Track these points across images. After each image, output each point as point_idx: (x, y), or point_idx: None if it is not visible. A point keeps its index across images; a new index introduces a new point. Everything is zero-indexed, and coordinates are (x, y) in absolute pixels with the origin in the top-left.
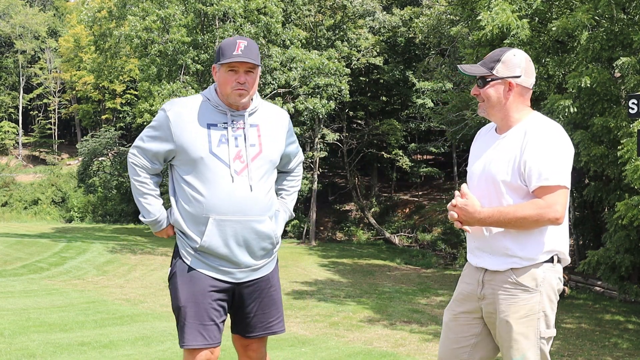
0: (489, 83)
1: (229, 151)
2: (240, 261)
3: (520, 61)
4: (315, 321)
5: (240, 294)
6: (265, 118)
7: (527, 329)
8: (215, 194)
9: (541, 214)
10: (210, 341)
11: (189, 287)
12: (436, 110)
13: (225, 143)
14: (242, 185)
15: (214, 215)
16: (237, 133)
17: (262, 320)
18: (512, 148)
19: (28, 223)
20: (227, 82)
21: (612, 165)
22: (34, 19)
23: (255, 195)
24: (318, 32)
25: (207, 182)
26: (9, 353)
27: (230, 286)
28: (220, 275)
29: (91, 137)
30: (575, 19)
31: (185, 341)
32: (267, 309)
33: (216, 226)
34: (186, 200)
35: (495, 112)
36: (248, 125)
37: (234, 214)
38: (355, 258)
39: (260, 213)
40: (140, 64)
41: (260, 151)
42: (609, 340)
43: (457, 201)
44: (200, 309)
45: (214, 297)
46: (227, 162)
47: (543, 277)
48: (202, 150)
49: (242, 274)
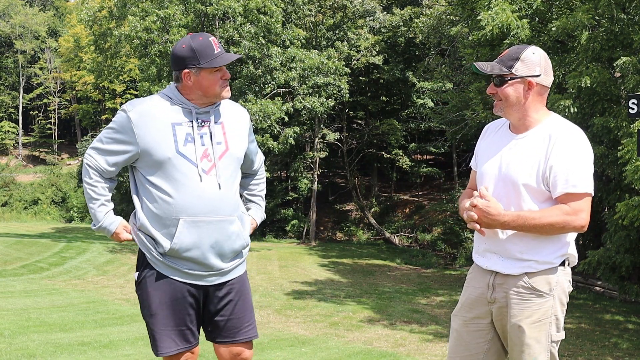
0: (507, 82)
1: (196, 150)
2: (211, 263)
3: (539, 59)
4: (315, 321)
5: (211, 297)
6: (227, 115)
7: (539, 334)
8: (184, 195)
9: (568, 221)
10: (185, 345)
11: (159, 293)
12: (436, 110)
13: (192, 142)
14: (211, 184)
15: (185, 217)
16: (203, 131)
17: (238, 325)
18: (535, 151)
19: (28, 223)
20: (214, 82)
21: (612, 165)
22: (34, 19)
23: (224, 195)
24: (318, 32)
25: (175, 182)
26: (9, 353)
27: (201, 290)
28: (191, 279)
29: (91, 137)
30: (575, 19)
31: (160, 349)
32: (241, 313)
33: (187, 228)
34: (153, 202)
35: (513, 112)
36: (213, 122)
37: (205, 214)
38: (355, 258)
39: (230, 213)
40: (140, 64)
41: (227, 149)
42: (609, 340)
43: (477, 202)
44: (173, 315)
45: (186, 302)
46: (194, 161)
47: (556, 281)
48: (168, 150)
49: (213, 277)
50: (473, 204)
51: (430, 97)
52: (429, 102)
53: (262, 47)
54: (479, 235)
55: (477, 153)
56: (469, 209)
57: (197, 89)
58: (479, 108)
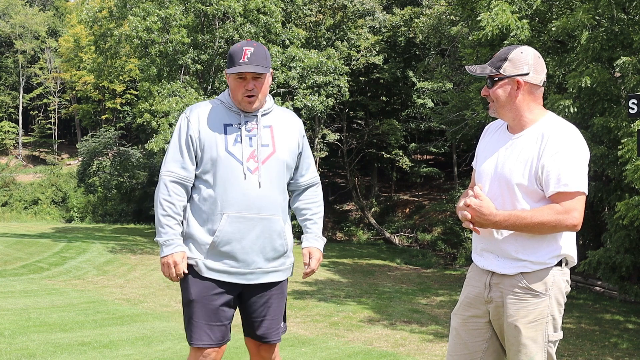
0: (497, 83)
1: (243, 150)
2: (251, 259)
3: (527, 58)
4: (315, 321)
5: (249, 296)
6: (279, 120)
7: (535, 333)
8: (229, 192)
9: (560, 220)
10: (216, 341)
11: (200, 289)
12: (436, 110)
13: (240, 142)
14: (254, 183)
15: (228, 212)
16: (251, 133)
17: (272, 326)
18: (528, 150)
19: (28, 223)
20: (237, 89)
21: (612, 165)
22: (34, 18)
23: (267, 194)
24: (318, 32)
25: (222, 180)
26: (9, 353)
27: (240, 289)
28: (231, 278)
29: (91, 137)
30: (575, 19)
31: (193, 340)
32: (276, 316)
33: (229, 222)
34: (200, 197)
35: (506, 112)
36: (261, 126)
37: (247, 210)
38: (355, 258)
39: (272, 212)
40: (141, 64)
41: (274, 151)
42: (609, 340)
43: (471, 201)
44: (209, 309)
45: (223, 299)
46: (240, 160)
47: (553, 281)
48: (219, 149)
49: (252, 275)
50: (467, 204)
51: (430, 97)
52: (429, 102)
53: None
54: (476, 234)
55: (477, 153)
56: (463, 208)
57: (231, 91)
58: (479, 108)
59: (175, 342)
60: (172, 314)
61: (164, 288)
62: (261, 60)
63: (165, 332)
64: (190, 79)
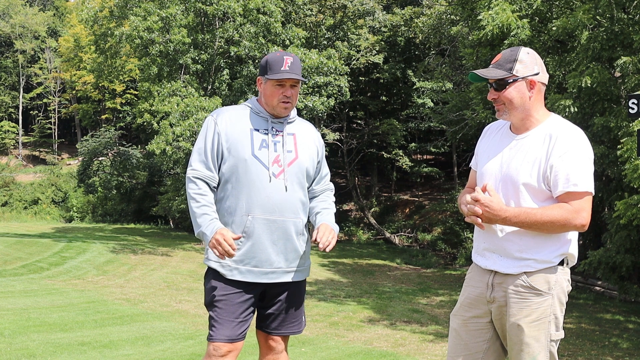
0: (509, 84)
1: (269, 155)
2: (274, 259)
3: (535, 58)
4: (315, 321)
5: (269, 294)
6: (301, 130)
7: (538, 332)
8: (255, 194)
9: (569, 219)
10: (235, 338)
11: (223, 288)
12: (436, 110)
13: (266, 147)
14: (278, 186)
15: (253, 214)
16: (277, 139)
17: (285, 320)
18: (535, 151)
19: (28, 223)
20: (274, 95)
21: (612, 165)
22: (34, 18)
23: (290, 197)
24: (318, 32)
25: (248, 182)
26: (9, 353)
27: (261, 288)
28: (253, 278)
29: (91, 137)
30: (575, 19)
31: (214, 337)
32: (292, 312)
33: (254, 224)
34: (226, 199)
35: (518, 114)
36: (286, 133)
37: (271, 213)
38: (355, 258)
39: (295, 215)
40: (141, 64)
41: (297, 157)
42: (609, 340)
43: (480, 196)
44: (231, 308)
45: (245, 298)
46: (266, 164)
47: (555, 280)
48: (246, 152)
49: (274, 274)
50: (476, 198)
51: (430, 97)
52: (429, 102)
53: (262, 47)
54: (478, 234)
55: (478, 153)
56: (471, 202)
57: (263, 96)
58: (479, 108)
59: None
60: (172, 314)
61: (164, 288)
62: (299, 69)
63: (165, 332)
64: (191, 79)
